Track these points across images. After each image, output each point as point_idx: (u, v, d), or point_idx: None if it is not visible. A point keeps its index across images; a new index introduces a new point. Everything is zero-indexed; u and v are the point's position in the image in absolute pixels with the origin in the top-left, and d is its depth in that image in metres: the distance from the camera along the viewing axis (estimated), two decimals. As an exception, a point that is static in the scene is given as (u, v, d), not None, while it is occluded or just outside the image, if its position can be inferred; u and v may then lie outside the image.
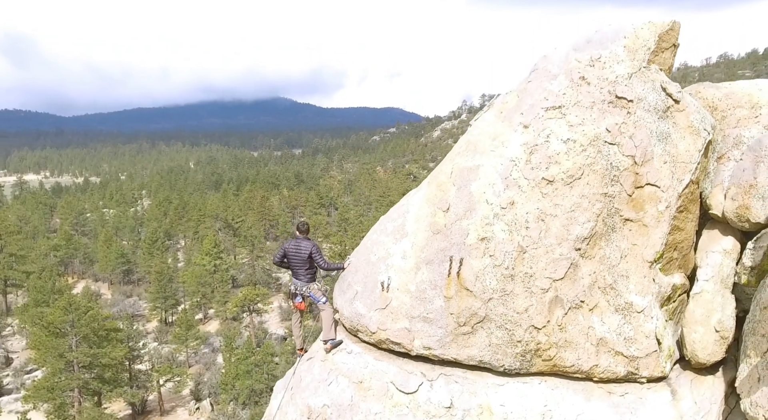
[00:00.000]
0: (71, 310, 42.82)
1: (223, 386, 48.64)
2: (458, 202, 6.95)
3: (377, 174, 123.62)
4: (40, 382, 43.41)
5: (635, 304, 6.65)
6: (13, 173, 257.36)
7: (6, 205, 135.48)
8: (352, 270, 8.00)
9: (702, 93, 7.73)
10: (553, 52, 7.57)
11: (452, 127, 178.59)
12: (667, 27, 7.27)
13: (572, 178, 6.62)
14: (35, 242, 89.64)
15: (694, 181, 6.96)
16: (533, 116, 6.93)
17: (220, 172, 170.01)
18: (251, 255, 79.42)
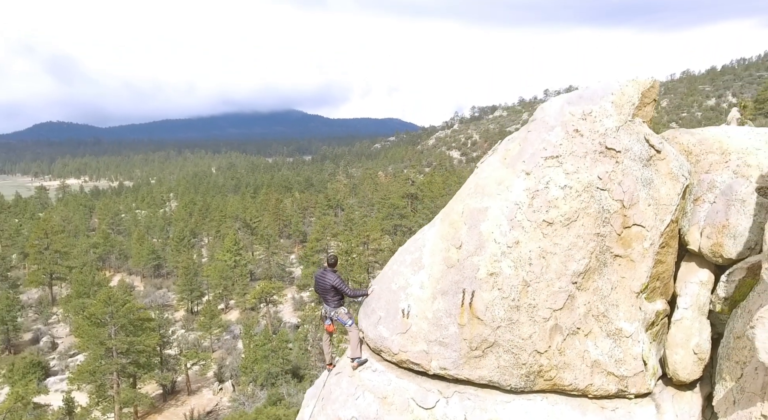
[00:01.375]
0: (110, 302, 42.92)
1: (243, 369, 48.67)
2: (469, 240, 6.97)
3: (379, 178, 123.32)
4: (82, 366, 43.59)
5: (624, 330, 6.68)
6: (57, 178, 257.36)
7: (51, 206, 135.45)
8: (376, 297, 8.03)
9: (678, 138, 7.77)
10: (549, 104, 7.62)
11: (445, 135, 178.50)
12: (648, 85, 7.36)
13: (569, 221, 6.67)
14: (77, 240, 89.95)
15: (674, 220, 7.00)
16: (534, 164, 6.97)
17: (238, 176, 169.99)
18: (267, 251, 79.35)
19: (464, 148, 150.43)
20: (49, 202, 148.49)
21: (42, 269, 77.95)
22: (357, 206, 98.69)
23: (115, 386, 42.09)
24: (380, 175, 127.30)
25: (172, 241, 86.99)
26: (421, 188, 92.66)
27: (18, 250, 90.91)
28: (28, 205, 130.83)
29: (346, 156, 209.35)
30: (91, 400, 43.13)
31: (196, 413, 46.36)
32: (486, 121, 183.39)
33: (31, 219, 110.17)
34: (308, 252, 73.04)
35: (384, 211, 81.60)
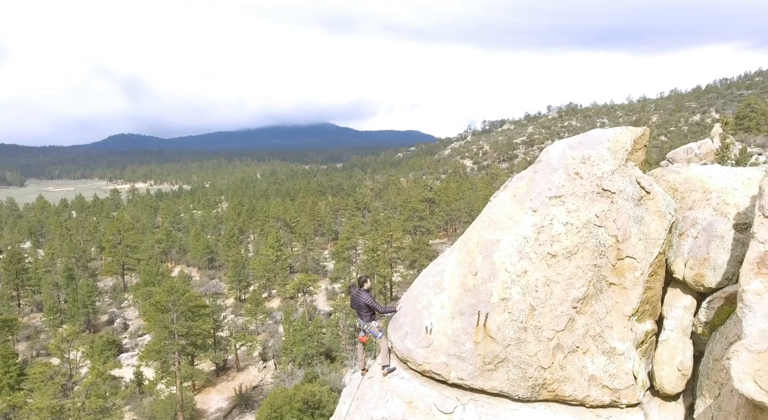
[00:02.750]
0: (172, 292, 43.06)
1: (284, 350, 48.62)
2: (484, 268, 6.98)
3: (401, 184, 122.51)
4: (149, 345, 44.05)
5: (617, 349, 6.64)
6: (127, 182, 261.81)
7: (122, 207, 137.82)
8: (403, 314, 8.07)
9: (666, 177, 7.68)
10: (553, 148, 7.58)
11: (459, 146, 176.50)
12: (640, 132, 7.30)
13: (570, 253, 6.65)
14: (144, 236, 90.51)
15: (662, 252, 6.92)
16: (540, 203, 6.97)
17: (279, 182, 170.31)
18: (304, 248, 79.32)
19: (476, 158, 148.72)
20: (121, 203, 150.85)
21: (115, 261, 79.36)
22: (382, 208, 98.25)
23: (176, 363, 42.26)
24: (402, 181, 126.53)
25: (223, 237, 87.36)
26: (437, 193, 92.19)
27: (96, 244, 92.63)
28: (104, 205, 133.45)
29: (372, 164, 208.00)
30: (157, 374, 43.70)
31: (244, 387, 46.68)
32: (495, 133, 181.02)
33: (106, 218, 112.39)
34: (339, 249, 73.02)
35: (405, 213, 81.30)
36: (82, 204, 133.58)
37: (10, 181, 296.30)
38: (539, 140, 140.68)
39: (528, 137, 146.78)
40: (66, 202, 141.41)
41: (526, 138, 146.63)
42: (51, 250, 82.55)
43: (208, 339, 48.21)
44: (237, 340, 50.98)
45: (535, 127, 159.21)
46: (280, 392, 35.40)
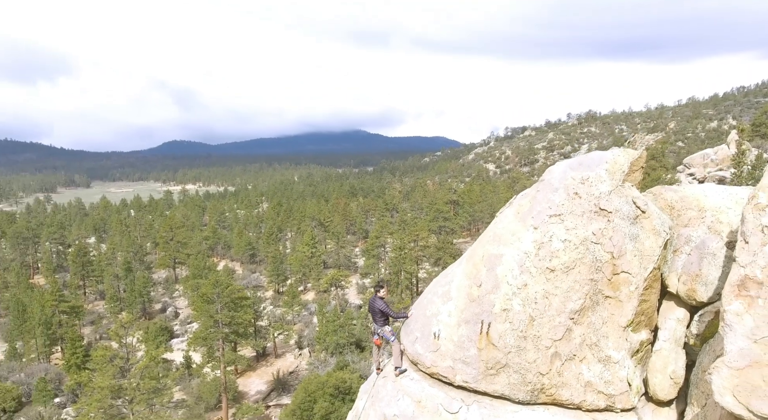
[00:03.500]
0: (217, 285, 43.74)
1: (318, 339, 48.99)
2: (488, 281, 7.02)
3: (427, 187, 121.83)
4: (197, 333, 44.79)
5: (612, 357, 6.60)
6: (179, 184, 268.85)
7: (174, 206, 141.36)
8: (413, 320, 8.16)
9: (663, 195, 7.55)
10: (555, 168, 7.55)
11: (483, 151, 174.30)
12: (637, 155, 7.21)
13: (568, 268, 6.63)
14: (193, 233, 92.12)
15: (657, 267, 6.82)
16: (541, 221, 6.96)
17: (315, 184, 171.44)
18: (336, 245, 79.91)
19: (498, 162, 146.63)
20: (173, 203, 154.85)
21: (168, 255, 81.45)
22: (409, 209, 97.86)
23: (220, 349, 43.00)
24: (429, 184, 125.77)
25: (263, 235, 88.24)
26: (461, 196, 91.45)
27: (151, 240, 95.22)
28: (158, 205, 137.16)
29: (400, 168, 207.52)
30: (203, 359, 44.64)
31: (281, 373, 47.36)
32: (517, 139, 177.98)
33: (160, 216, 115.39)
34: (369, 246, 73.21)
35: (431, 214, 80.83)
36: (139, 204, 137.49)
37: (78, 183, 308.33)
38: (559, 146, 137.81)
39: (548, 143, 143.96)
40: (125, 202, 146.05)
41: (547, 143, 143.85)
42: (112, 245, 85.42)
43: (249, 328, 48.86)
44: (275, 329, 51.73)
45: (555, 134, 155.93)
46: (314, 378, 35.82)
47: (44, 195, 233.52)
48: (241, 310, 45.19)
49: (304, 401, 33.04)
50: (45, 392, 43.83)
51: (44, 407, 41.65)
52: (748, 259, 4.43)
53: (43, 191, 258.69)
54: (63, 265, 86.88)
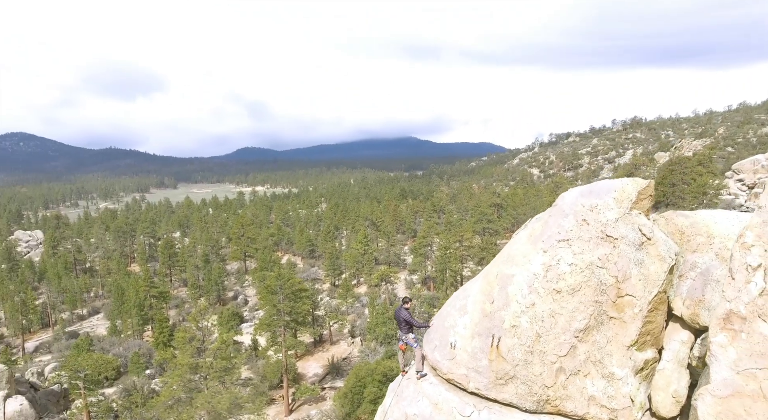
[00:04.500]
0: (280, 278, 44.71)
1: (369, 330, 49.29)
2: (499, 298, 7.08)
3: (473, 190, 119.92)
4: (262, 320, 45.97)
5: (616, 374, 6.48)
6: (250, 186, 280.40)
7: (245, 206, 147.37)
8: (434, 329, 8.31)
9: (674, 220, 7.25)
10: (568, 194, 7.46)
11: (527, 156, 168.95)
12: (645, 185, 7.00)
13: (574, 290, 6.58)
14: (261, 230, 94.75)
15: (662, 291, 6.61)
16: (550, 245, 6.94)
17: (368, 187, 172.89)
18: (387, 244, 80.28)
19: (542, 167, 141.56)
20: (245, 203, 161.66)
21: (239, 249, 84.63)
22: (455, 211, 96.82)
23: (282, 335, 44.09)
24: (474, 187, 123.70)
25: (322, 233, 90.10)
26: (505, 199, 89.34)
27: (225, 235, 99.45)
28: (232, 204, 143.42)
29: (448, 172, 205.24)
30: (267, 343, 46.31)
31: (336, 358, 48.07)
32: (561, 144, 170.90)
33: (233, 214, 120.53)
34: (417, 246, 73.05)
35: (475, 216, 79.63)
36: (216, 203, 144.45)
37: (167, 185, 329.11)
38: (603, 151, 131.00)
39: (592, 148, 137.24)
40: (205, 202, 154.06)
41: (591, 149, 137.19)
42: (193, 239, 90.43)
43: (307, 317, 49.70)
44: (330, 318, 52.60)
45: (599, 139, 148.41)
46: (364, 365, 36.30)
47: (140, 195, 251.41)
48: (300, 301, 45.95)
49: (355, 386, 33.59)
50: (138, 365, 47.21)
51: (137, 377, 44.90)
52: (734, 295, 4.30)
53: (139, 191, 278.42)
54: (154, 256, 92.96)
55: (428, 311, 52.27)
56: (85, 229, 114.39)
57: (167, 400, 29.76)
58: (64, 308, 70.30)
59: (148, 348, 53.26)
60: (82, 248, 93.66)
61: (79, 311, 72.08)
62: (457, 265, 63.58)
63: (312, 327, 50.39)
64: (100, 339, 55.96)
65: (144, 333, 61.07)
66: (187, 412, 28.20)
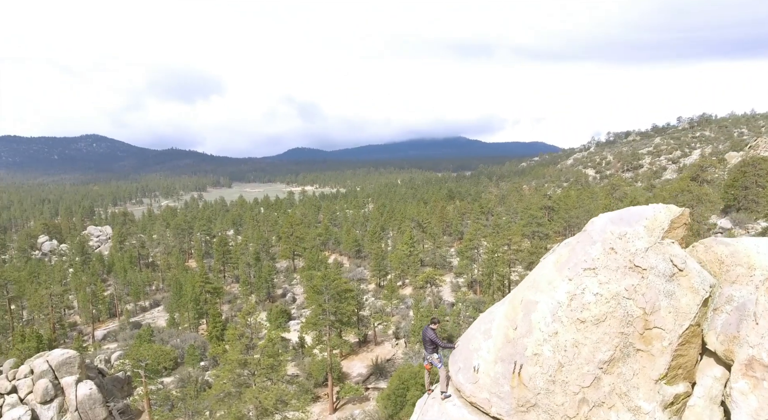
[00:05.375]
0: (326, 279, 45.88)
1: (413, 332, 49.32)
2: (523, 325, 7.06)
3: (523, 191, 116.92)
4: (308, 319, 47.10)
5: (642, 408, 6.29)
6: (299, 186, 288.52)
7: (295, 205, 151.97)
8: (459, 351, 8.39)
9: (714, 248, 6.86)
10: (597, 220, 7.29)
11: (582, 156, 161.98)
12: (678, 213, 6.71)
13: (598, 321, 6.45)
14: (309, 230, 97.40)
15: (695, 324, 6.33)
16: (575, 273, 6.83)
17: (415, 187, 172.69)
18: (433, 245, 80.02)
19: (599, 167, 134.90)
20: (294, 202, 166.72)
21: (288, 248, 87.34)
22: (504, 213, 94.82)
23: (327, 334, 45.01)
24: (524, 189, 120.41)
25: (368, 233, 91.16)
26: (557, 201, 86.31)
27: (275, 234, 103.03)
28: (282, 204, 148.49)
29: (497, 172, 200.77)
30: (313, 342, 47.32)
31: (379, 359, 48.53)
32: (620, 144, 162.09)
33: (283, 214, 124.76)
34: (464, 248, 72.31)
35: (525, 219, 77.56)
36: (267, 202, 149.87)
37: (222, 184, 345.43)
38: (667, 150, 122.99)
39: (654, 148, 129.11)
40: (257, 201, 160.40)
41: (653, 148, 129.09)
42: (245, 238, 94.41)
43: (352, 317, 50.62)
44: (375, 319, 53.20)
45: (662, 138, 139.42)
46: (408, 368, 36.46)
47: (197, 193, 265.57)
48: (345, 301, 46.75)
49: (398, 388, 33.85)
50: (193, 356, 50.12)
51: (192, 368, 47.73)
52: (757, 341, 4.13)
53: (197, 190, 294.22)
54: (209, 253, 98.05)
55: (473, 315, 51.72)
56: (148, 225, 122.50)
57: (218, 393, 31.44)
58: (128, 300, 75.83)
59: (203, 341, 56.29)
60: (145, 244, 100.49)
61: (142, 303, 77.49)
62: (504, 269, 62.38)
63: (357, 327, 51.12)
64: (160, 330, 59.82)
65: (199, 326, 64.60)
66: (236, 406, 29.72)
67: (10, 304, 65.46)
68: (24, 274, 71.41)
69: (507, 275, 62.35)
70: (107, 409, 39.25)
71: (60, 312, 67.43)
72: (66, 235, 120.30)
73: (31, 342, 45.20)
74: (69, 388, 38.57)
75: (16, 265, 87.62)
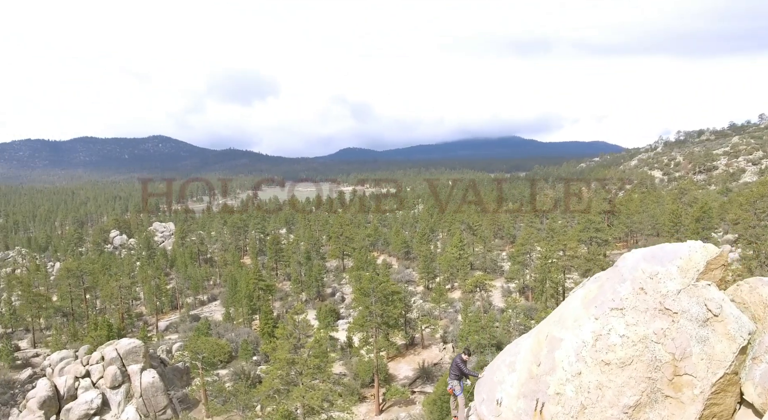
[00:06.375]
0: (373, 281, 46.48)
1: (461, 337, 48.78)
2: (546, 362, 7.00)
3: (581, 193, 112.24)
4: (355, 320, 48.02)
5: None
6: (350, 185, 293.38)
7: (345, 205, 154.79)
8: (484, 381, 8.42)
9: (759, 289, 6.46)
10: (630, 256, 7.07)
11: (648, 157, 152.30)
12: (716, 254, 6.38)
13: (624, 364, 6.29)
14: (358, 230, 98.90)
15: (730, 373, 6.02)
16: (602, 312, 6.68)
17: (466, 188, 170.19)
18: (483, 249, 78.92)
19: (666, 169, 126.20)
20: (345, 202, 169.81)
21: (338, 248, 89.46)
22: (559, 217, 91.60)
23: (374, 336, 45.59)
24: (582, 191, 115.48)
25: (417, 234, 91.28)
26: (618, 205, 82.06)
27: (326, 234, 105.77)
28: (333, 204, 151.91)
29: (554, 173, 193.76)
30: (360, 343, 48.43)
31: (426, 363, 48.59)
32: (691, 143, 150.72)
33: (334, 213, 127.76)
34: (516, 253, 70.69)
35: (582, 224, 74.45)
36: (318, 202, 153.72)
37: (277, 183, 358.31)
38: (746, 151, 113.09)
39: (732, 148, 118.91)
40: (309, 200, 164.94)
41: (730, 149, 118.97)
42: (297, 237, 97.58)
43: (399, 319, 51.11)
44: (423, 322, 53.25)
45: (741, 137, 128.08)
46: (453, 374, 36.22)
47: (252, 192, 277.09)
48: (392, 304, 47.25)
49: (445, 393, 33.82)
50: (246, 351, 52.65)
51: (245, 363, 50.18)
52: None
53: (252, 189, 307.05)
54: (263, 250, 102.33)
55: (524, 323, 50.65)
56: (207, 222, 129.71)
57: (268, 390, 32.92)
58: (188, 293, 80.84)
59: (255, 336, 58.92)
60: (204, 240, 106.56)
61: (200, 297, 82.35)
62: (558, 275, 60.35)
63: (404, 329, 51.52)
64: (217, 324, 63.30)
65: (252, 322, 67.65)
66: (284, 403, 31.01)
67: (85, 294, 72.03)
68: (97, 267, 78.13)
69: (561, 282, 60.25)
70: (168, 397, 42.25)
71: (128, 303, 73.15)
72: (134, 230, 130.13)
73: (103, 330, 49.42)
74: (134, 376, 41.91)
75: (91, 257, 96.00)
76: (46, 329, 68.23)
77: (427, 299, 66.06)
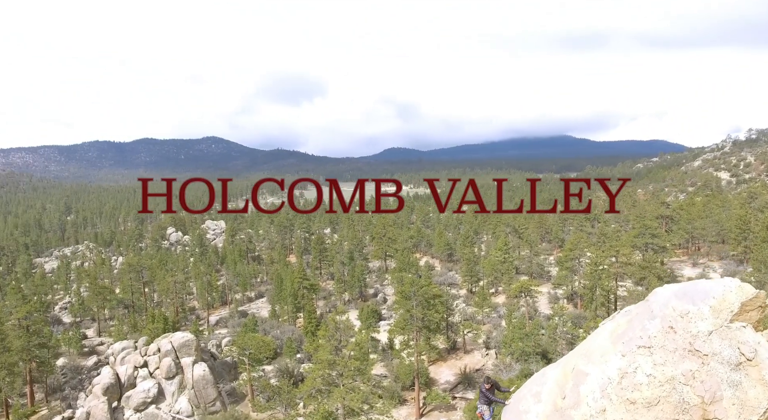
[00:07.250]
0: (414, 284, 46.25)
1: (504, 343, 47.96)
2: (571, 396, 6.98)
3: (637, 196, 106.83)
4: (396, 322, 47.81)
5: None
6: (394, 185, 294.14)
7: (389, 206, 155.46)
8: (509, 408, 8.46)
9: None
10: (661, 291, 6.90)
11: (714, 157, 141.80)
12: (752, 295, 6.10)
13: (650, 404, 6.18)
14: (401, 231, 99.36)
15: (763, 419, 5.75)
16: (629, 349, 6.59)
17: (512, 189, 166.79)
18: (530, 253, 76.89)
19: (735, 170, 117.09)
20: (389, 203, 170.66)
21: (380, 249, 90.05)
22: (612, 221, 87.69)
23: (415, 339, 45.48)
24: (639, 193, 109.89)
25: (461, 237, 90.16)
26: (677, 210, 77.48)
27: (369, 234, 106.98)
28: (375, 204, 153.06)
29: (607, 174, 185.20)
30: (401, 345, 48.68)
31: (468, 368, 48.01)
32: (764, 143, 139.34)
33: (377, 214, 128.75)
34: (564, 258, 68.48)
35: (637, 229, 70.97)
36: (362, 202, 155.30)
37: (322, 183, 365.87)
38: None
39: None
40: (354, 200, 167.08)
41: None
42: (341, 237, 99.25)
43: (441, 323, 50.79)
44: (465, 327, 52.72)
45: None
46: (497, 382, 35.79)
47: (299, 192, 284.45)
48: (433, 308, 46.99)
49: (485, 402, 33.53)
50: (291, 348, 54.33)
51: (289, 360, 51.82)
52: None
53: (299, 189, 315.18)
54: (308, 249, 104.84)
55: (571, 332, 49.13)
56: (255, 221, 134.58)
57: (310, 389, 33.93)
58: (237, 290, 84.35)
59: (299, 334, 60.66)
60: (252, 238, 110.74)
61: (248, 294, 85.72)
62: (610, 283, 57.89)
63: (445, 333, 51.24)
64: (263, 321, 65.69)
65: (296, 320, 69.64)
66: (325, 403, 31.88)
67: (144, 288, 77.01)
68: (155, 262, 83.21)
69: (613, 290, 57.76)
70: (217, 390, 44.50)
71: (182, 297, 77.38)
72: (188, 227, 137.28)
73: (159, 323, 52.69)
74: (187, 368, 44.43)
75: (150, 253, 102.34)
76: (109, 319, 73.58)
77: (470, 303, 65.27)
